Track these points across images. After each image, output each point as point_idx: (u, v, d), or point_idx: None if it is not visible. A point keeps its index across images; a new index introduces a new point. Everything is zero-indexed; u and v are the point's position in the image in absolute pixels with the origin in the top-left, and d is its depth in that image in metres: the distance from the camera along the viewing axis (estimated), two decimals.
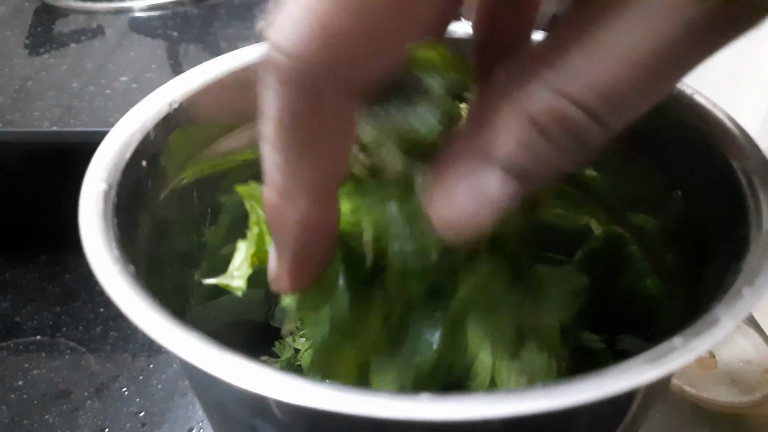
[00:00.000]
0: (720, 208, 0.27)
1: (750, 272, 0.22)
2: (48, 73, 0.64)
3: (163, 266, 0.31)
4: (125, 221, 0.26)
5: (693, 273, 0.28)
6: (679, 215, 0.30)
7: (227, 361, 0.19)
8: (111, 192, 0.26)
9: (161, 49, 0.70)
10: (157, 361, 0.44)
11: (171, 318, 0.21)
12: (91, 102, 0.59)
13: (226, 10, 0.77)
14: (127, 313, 0.21)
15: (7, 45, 0.70)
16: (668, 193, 0.31)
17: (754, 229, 0.24)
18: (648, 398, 0.25)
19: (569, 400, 0.18)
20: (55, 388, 0.43)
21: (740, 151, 0.27)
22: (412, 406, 0.18)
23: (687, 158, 0.30)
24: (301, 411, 0.20)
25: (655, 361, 0.19)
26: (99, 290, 0.21)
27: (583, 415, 0.22)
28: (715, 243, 0.27)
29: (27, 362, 0.45)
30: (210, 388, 0.27)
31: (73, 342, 0.46)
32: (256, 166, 0.21)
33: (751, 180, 0.26)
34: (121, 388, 0.43)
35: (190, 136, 0.32)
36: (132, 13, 0.77)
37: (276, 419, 0.23)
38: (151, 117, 0.29)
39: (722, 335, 0.20)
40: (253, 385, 0.19)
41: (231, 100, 0.34)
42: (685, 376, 0.40)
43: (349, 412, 0.18)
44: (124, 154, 0.27)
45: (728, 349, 0.41)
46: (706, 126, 0.28)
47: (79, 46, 0.70)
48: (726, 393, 0.39)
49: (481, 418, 0.18)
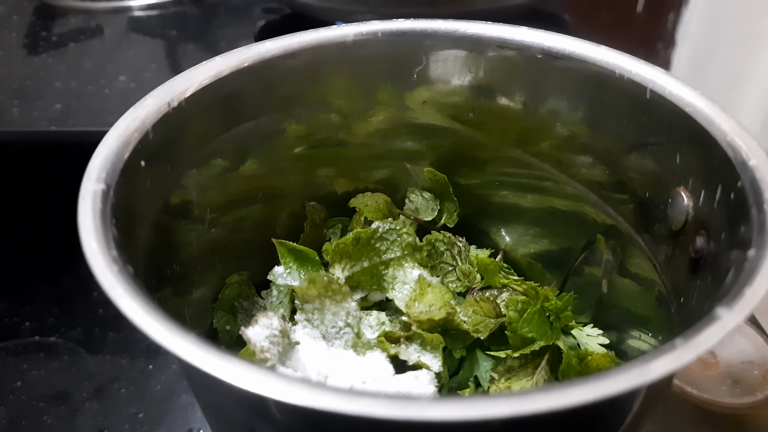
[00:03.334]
0: (722, 207, 0.27)
1: (751, 272, 0.22)
2: (47, 73, 0.64)
3: (163, 267, 0.31)
4: (124, 222, 0.25)
5: (695, 272, 0.28)
6: (681, 214, 0.30)
7: (226, 362, 0.19)
8: (109, 192, 0.25)
9: (160, 48, 0.70)
10: (156, 362, 0.44)
11: (170, 319, 0.21)
12: (89, 102, 0.59)
13: (225, 9, 0.77)
14: (126, 313, 0.21)
15: (5, 44, 0.70)
16: (671, 191, 0.31)
17: (755, 228, 0.24)
18: (649, 399, 0.25)
19: (570, 400, 0.18)
20: (54, 389, 0.43)
21: (742, 150, 0.27)
22: (412, 406, 0.18)
23: (689, 157, 0.30)
24: (300, 411, 0.20)
25: (656, 361, 0.19)
26: (98, 291, 0.21)
27: (584, 416, 0.22)
28: (717, 242, 0.27)
29: (25, 363, 0.45)
30: (209, 389, 0.26)
31: (72, 343, 0.46)
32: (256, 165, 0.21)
33: (752, 179, 0.26)
34: (119, 389, 0.43)
35: (189, 136, 0.32)
36: (131, 13, 0.76)
37: (275, 420, 0.23)
38: (150, 117, 0.29)
39: (723, 335, 0.20)
40: (252, 386, 0.19)
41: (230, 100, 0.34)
42: (686, 376, 0.39)
43: (348, 412, 0.18)
44: (123, 154, 0.27)
45: (729, 350, 0.41)
46: (708, 125, 0.28)
47: (77, 45, 0.70)
48: (727, 393, 0.39)
49: (481, 419, 0.18)
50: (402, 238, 0.36)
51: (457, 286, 0.38)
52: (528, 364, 0.34)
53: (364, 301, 0.36)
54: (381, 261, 0.36)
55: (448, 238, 0.39)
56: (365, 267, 0.36)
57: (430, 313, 0.34)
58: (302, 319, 0.34)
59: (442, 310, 0.34)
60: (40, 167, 0.56)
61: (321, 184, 0.41)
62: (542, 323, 0.34)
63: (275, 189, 0.39)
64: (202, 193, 0.34)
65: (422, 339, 0.33)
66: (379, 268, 0.36)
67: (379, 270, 0.36)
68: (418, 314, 0.34)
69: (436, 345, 0.33)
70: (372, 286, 0.36)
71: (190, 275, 0.34)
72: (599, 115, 0.34)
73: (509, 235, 0.43)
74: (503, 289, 0.38)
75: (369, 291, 0.36)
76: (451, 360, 0.35)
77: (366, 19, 0.36)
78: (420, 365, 0.33)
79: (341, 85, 0.37)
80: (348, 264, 0.36)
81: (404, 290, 0.36)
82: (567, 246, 0.40)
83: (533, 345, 0.34)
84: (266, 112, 0.36)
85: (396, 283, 0.36)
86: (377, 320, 0.35)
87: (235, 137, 0.35)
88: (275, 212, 0.40)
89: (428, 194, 0.42)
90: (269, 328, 0.31)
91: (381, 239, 0.36)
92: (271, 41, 0.34)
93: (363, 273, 0.36)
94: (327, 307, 0.34)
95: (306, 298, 0.33)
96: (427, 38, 0.36)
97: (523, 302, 0.35)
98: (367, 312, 0.35)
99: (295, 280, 0.37)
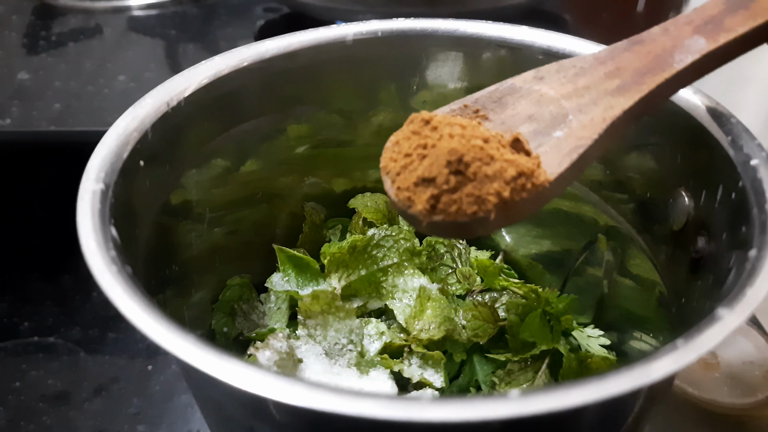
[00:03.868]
0: (723, 207, 0.27)
1: (752, 273, 0.22)
2: (46, 73, 0.64)
3: (162, 267, 0.31)
4: (123, 222, 0.25)
5: (695, 273, 0.28)
6: (682, 214, 0.30)
7: (226, 362, 0.19)
8: (108, 192, 0.25)
9: (160, 48, 0.70)
10: (156, 363, 0.44)
11: (169, 319, 0.21)
12: (89, 101, 0.59)
13: (224, 9, 0.77)
14: (125, 314, 0.21)
15: (5, 44, 0.70)
16: (671, 192, 0.30)
17: (757, 228, 0.24)
18: (650, 399, 0.25)
19: (571, 401, 0.18)
20: (53, 390, 0.43)
21: (743, 150, 0.27)
22: (412, 407, 0.18)
23: (690, 157, 0.30)
24: (299, 412, 0.20)
25: (657, 362, 0.19)
26: (97, 291, 0.21)
27: (585, 417, 0.22)
28: (718, 242, 0.27)
29: (25, 363, 0.44)
30: (208, 390, 0.26)
31: (71, 343, 0.46)
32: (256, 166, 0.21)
33: (753, 179, 0.26)
34: (119, 390, 0.42)
35: (188, 136, 0.32)
36: (130, 12, 0.76)
37: (274, 420, 0.23)
38: (149, 116, 0.29)
39: (724, 336, 0.20)
40: (252, 386, 0.18)
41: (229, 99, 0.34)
42: (687, 377, 0.39)
43: (348, 412, 0.18)
44: (122, 153, 0.27)
45: (730, 351, 0.41)
46: (709, 125, 0.28)
47: (77, 45, 0.70)
48: (728, 394, 0.38)
49: (481, 419, 0.18)
50: (399, 244, 0.36)
51: (457, 288, 0.38)
52: (528, 368, 0.34)
53: (362, 308, 0.36)
54: (379, 268, 0.36)
55: (448, 241, 0.39)
56: (362, 275, 0.36)
57: (429, 332, 0.34)
58: (305, 335, 0.33)
59: (442, 327, 0.34)
60: (39, 167, 0.56)
61: (321, 185, 0.41)
62: (543, 327, 0.34)
63: (275, 189, 0.39)
64: (201, 193, 0.34)
65: (424, 354, 0.33)
66: (377, 276, 0.36)
67: (377, 277, 0.36)
68: (418, 332, 0.34)
69: (438, 361, 0.33)
70: (370, 294, 0.36)
71: (189, 276, 0.34)
72: None
73: (509, 235, 0.43)
74: (503, 292, 0.38)
75: (367, 299, 0.36)
76: (452, 364, 0.35)
77: (366, 18, 0.36)
78: (423, 382, 0.33)
79: (341, 85, 0.37)
80: (345, 273, 0.36)
81: (404, 299, 0.35)
82: (567, 246, 0.40)
83: (533, 349, 0.34)
84: (266, 112, 0.36)
85: (396, 291, 0.36)
86: (376, 329, 0.34)
87: (235, 137, 0.35)
88: (275, 212, 0.40)
89: None
90: (278, 352, 0.31)
91: (377, 246, 0.36)
92: (270, 41, 0.34)
93: (360, 281, 0.36)
94: (330, 323, 0.33)
95: (309, 313, 0.33)
96: (427, 38, 0.36)
97: (524, 306, 0.35)
98: (366, 320, 0.35)
99: (293, 285, 0.37)
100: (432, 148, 0.23)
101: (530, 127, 0.25)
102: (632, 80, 0.26)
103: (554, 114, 0.26)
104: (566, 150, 0.24)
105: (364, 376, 0.32)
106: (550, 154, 0.24)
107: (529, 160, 0.24)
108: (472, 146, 0.23)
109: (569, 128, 0.25)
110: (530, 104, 0.26)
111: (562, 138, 0.25)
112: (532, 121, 0.26)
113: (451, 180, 0.23)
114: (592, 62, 0.27)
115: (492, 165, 0.23)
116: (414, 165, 0.24)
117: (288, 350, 0.31)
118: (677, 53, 0.26)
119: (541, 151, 0.25)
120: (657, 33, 0.27)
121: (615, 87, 0.26)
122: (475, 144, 0.23)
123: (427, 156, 0.23)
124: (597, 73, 0.26)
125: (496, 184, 0.22)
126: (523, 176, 0.23)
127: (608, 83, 0.26)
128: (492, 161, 0.23)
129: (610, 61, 0.27)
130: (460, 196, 0.22)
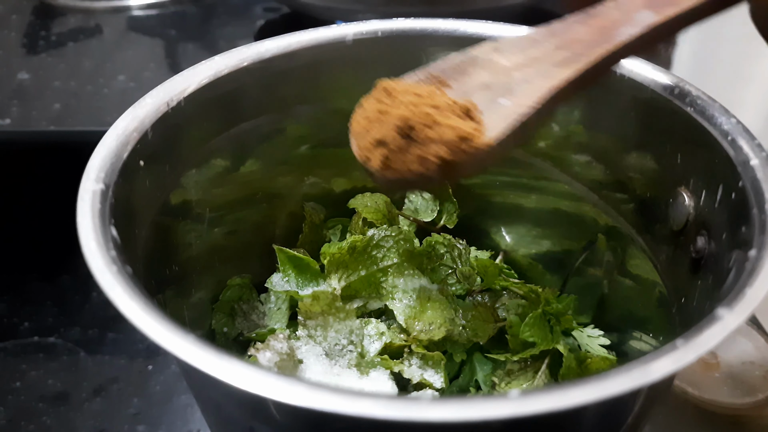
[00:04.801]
0: (723, 207, 0.27)
1: (752, 272, 0.22)
2: (45, 73, 0.64)
3: (162, 267, 0.31)
4: (123, 222, 0.25)
5: (696, 272, 0.28)
6: (682, 214, 0.30)
7: (226, 362, 0.19)
8: (108, 192, 0.25)
9: (159, 47, 0.70)
10: (156, 363, 0.44)
11: (169, 319, 0.21)
12: (88, 101, 0.59)
13: (224, 8, 0.77)
14: (125, 314, 0.21)
15: (4, 44, 0.70)
16: (671, 191, 0.30)
17: (756, 228, 0.24)
18: (650, 399, 0.25)
19: (571, 401, 0.18)
20: (53, 390, 0.43)
21: (743, 150, 0.27)
22: (412, 407, 0.18)
23: (690, 157, 0.30)
24: (299, 412, 0.20)
25: (657, 361, 0.19)
26: (97, 291, 0.21)
27: (585, 417, 0.22)
28: (718, 242, 0.27)
29: (24, 363, 0.44)
30: (208, 390, 0.26)
31: (71, 343, 0.46)
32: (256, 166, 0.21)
33: (754, 179, 0.26)
34: (119, 390, 0.42)
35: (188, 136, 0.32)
36: (130, 12, 0.76)
37: (274, 420, 0.23)
38: (149, 116, 0.29)
39: (724, 336, 0.20)
40: (252, 386, 0.18)
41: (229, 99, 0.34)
42: (687, 377, 0.39)
43: (348, 412, 0.18)
44: (122, 153, 0.27)
45: (730, 351, 0.41)
46: (710, 125, 0.28)
47: (76, 45, 0.70)
48: (728, 394, 0.38)
49: (481, 419, 0.18)
50: (399, 245, 0.36)
51: (457, 288, 0.38)
52: (528, 368, 0.34)
53: (362, 308, 0.36)
54: (379, 269, 0.36)
55: (448, 240, 0.39)
56: (362, 276, 0.36)
57: (429, 333, 0.34)
58: (305, 335, 0.33)
59: (442, 328, 0.34)
60: (38, 167, 0.56)
61: (320, 185, 0.41)
62: (543, 327, 0.34)
63: (275, 189, 0.39)
64: (201, 193, 0.34)
65: (424, 354, 0.33)
66: (377, 276, 0.36)
67: (377, 278, 0.36)
68: (418, 333, 0.34)
69: (438, 362, 0.33)
70: (370, 294, 0.36)
71: (189, 276, 0.34)
72: (600, 114, 0.34)
73: (510, 235, 0.43)
74: (503, 292, 0.38)
75: (367, 300, 0.36)
76: (452, 364, 0.35)
77: (366, 18, 0.36)
78: (423, 383, 0.33)
79: (341, 84, 0.37)
80: (345, 273, 0.36)
81: (404, 300, 0.35)
82: (568, 246, 0.40)
83: (533, 349, 0.34)
84: (266, 111, 0.36)
85: (396, 291, 0.36)
86: (376, 330, 0.34)
87: (235, 137, 0.35)
88: (275, 212, 0.40)
89: (428, 195, 0.41)
90: (279, 352, 0.31)
91: (377, 247, 0.36)
92: (270, 41, 0.34)
93: (360, 282, 0.36)
94: (330, 324, 0.33)
95: (309, 314, 0.33)
96: (427, 38, 0.36)
97: (524, 306, 0.35)
98: (367, 321, 0.35)
99: (293, 286, 0.37)
100: (386, 114, 0.26)
101: (484, 96, 0.28)
102: (579, 52, 0.27)
103: (504, 83, 0.28)
104: (508, 117, 0.27)
105: (365, 377, 0.32)
106: (494, 120, 0.27)
107: (471, 125, 0.26)
108: (421, 113, 0.26)
109: (515, 97, 0.27)
110: (487, 74, 0.29)
111: (508, 106, 0.27)
112: (486, 89, 0.28)
113: (400, 142, 0.26)
114: (545, 35, 0.29)
115: (435, 129, 0.25)
116: (372, 127, 0.27)
117: (288, 351, 0.31)
118: (624, 26, 0.27)
119: (487, 117, 0.27)
120: (610, 6, 0.28)
121: (561, 59, 0.28)
122: (423, 111, 0.26)
123: (383, 121, 0.26)
124: (548, 46, 0.28)
125: (436, 147, 0.25)
126: (463, 139, 0.25)
127: (556, 55, 0.28)
128: (435, 125, 0.26)
129: (562, 33, 0.28)
130: (407, 156, 0.26)
